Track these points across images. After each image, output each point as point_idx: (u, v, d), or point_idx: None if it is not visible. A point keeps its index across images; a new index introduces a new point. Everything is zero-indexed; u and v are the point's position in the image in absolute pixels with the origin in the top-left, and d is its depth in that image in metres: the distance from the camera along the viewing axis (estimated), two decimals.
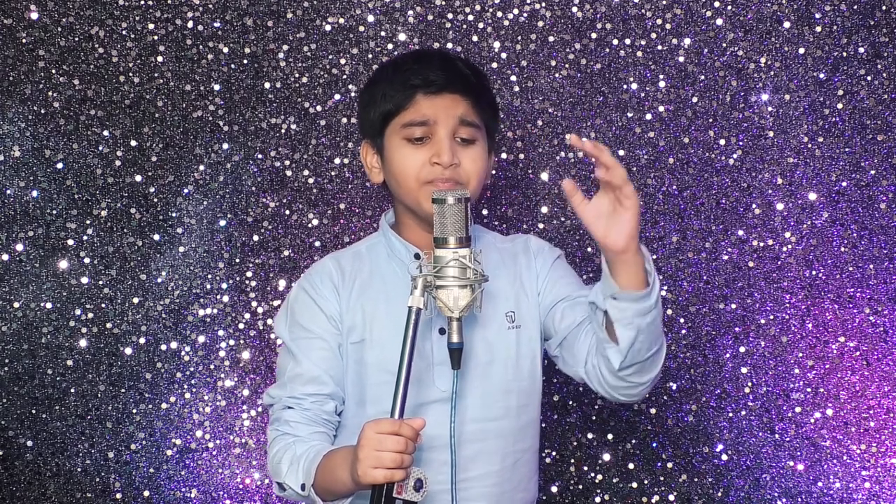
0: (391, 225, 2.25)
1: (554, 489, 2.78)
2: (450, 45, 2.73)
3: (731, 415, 2.79)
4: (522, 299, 2.20)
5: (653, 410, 2.79)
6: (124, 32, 2.71)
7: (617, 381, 2.03)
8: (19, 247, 2.72)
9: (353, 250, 2.26)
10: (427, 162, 2.11)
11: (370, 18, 2.73)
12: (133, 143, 2.73)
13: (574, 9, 2.74)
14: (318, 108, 2.74)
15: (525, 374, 2.18)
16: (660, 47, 2.75)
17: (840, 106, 2.76)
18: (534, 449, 2.22)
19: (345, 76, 2.73)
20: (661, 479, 2.80)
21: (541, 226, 2.76)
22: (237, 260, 2.75)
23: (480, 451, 2.12)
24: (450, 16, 2.74)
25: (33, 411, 2.74)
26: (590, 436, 2.80)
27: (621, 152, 2.75)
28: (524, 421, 2.18)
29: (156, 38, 2.71)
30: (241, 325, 2.75)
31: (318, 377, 2.12)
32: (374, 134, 2.19)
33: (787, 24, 2.75)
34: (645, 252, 1.96)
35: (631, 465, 2.80)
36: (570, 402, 2.78)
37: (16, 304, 2.72)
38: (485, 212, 2.75)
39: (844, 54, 2.75)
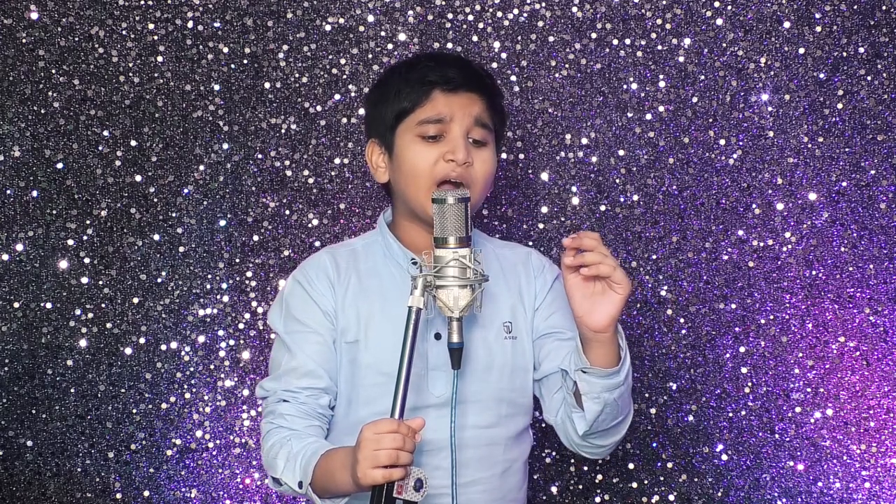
0: (388, 224, 2.24)
1: (554, 489, 2.78)
2: (450, 45, 2.73)
3: (731, 415, 2.79)
4: (519, 312, 2.19)
5: (653, 410, 2.79)
6: (124, 32, 2.71)
7: (581, 441, 2.11)
8: (19, 247, 2.72)
9: (348, 247, 2.23)
10: (440, 159, 2.10)
11: (370, 18, 2.73)
12: (133, 143, 2.73)
13: (574, 9, 2.74)
14: (318, 108, 2.74)
15: (517, 384, 2.17)
16: (660, 47, 2.75)
17: (840, 106, 2.76)
18: (523, 459, 2.21)
19: (345, 76, 2.73)
20: (661, 479, 2.80)
21: (541, 226, 2.76)
22: (237, 260, 2.75)
23: (473, 458, 2.12)
24: (450, 16, 2.74)
25: (33, 411, 2.74)
26: None
27: (621, 152, 2.75)
28: (514, 431, 2.18)
29: (156, 38, 2.71)
30: (241, 325, 2.75)
31: (313, 371, 2.10)
32: (383, 132, 2.17)
33: (787, 24, 2.75)
34: (619, 329, 2.02)
35: (631, 465, 2.80)
36: None
37: (16, 304, 2.72)
38: (485, 212, 2.75)
39: (844, 54, 2.75)
